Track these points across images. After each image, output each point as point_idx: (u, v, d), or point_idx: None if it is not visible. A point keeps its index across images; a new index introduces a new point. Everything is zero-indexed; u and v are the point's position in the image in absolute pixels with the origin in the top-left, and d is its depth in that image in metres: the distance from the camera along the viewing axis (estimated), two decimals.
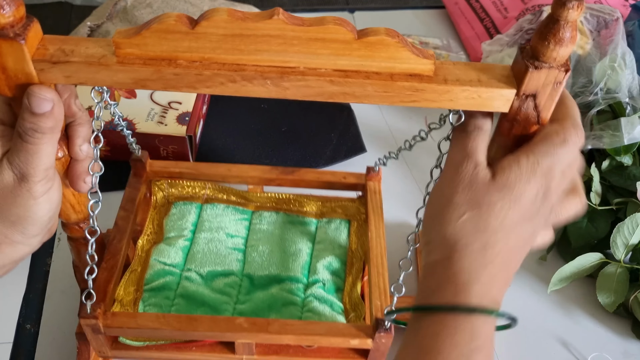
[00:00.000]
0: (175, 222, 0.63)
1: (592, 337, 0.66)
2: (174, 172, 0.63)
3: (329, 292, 0.60)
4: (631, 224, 0.66)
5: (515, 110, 0.39)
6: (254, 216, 0.66)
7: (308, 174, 0.64)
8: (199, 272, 0.60)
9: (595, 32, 0.85)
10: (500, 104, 0.39)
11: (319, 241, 0.64)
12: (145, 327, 0.50)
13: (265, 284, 0.60)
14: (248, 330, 0.51)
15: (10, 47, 0.35)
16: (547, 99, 0.39)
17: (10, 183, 0.39)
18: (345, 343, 0.52)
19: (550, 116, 0.40)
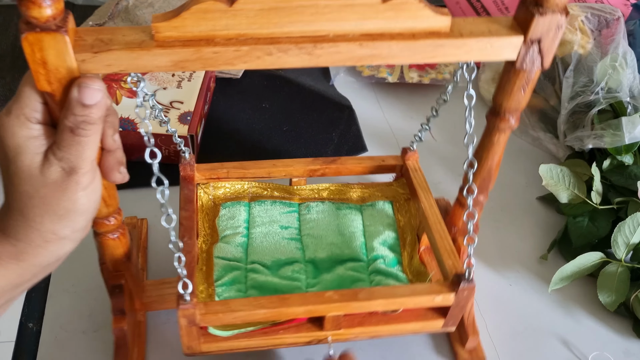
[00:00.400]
0: (227, 222, 0.64)
1: (593, 336, 0.66)
2: (222, 173, 0.65)
3: (390, 265, 0.62)
4: (632, 223, 0.66)
5: (522, 57, 0.43)
6: (301, 208, 0.68)
7: (348, 161, 0.67)
8: (263, 263, 0.61)
9: (597, 32, 0.85)
10: (509, 52, 0.43)
11: (368, 223, 0.66)
12: (240, 311, 0.50)
13: (328, 266, 0.62)
14: (339, 301, 0.52)
15: (52, 40, 0.36)
16: (550, 43, 0.42)
17: (59, 177, 0.40)
18: (430, 301, 0.53)
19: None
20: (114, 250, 0.52)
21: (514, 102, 0.48)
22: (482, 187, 0.57)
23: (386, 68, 0.94)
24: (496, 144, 0.53)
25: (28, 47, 0.36)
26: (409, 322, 0.57)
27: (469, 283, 0.53)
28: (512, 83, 0.47)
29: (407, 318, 0.57)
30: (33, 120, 0.40)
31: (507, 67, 0.46)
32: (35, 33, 0.35)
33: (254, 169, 0.65)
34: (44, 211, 0.40)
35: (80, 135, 0.39)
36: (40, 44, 0.36)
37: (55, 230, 0.41)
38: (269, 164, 0.65)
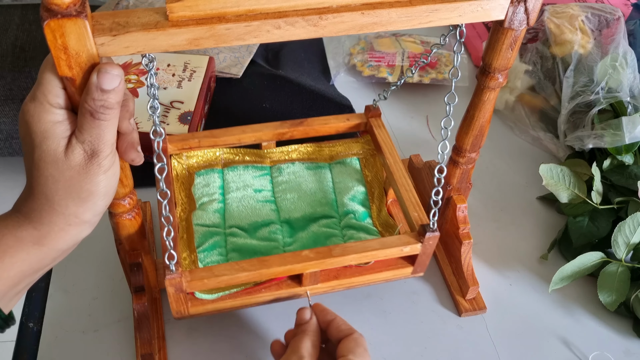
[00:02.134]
0: (203, 189, 0.66)
1: (593, 336, 0.66)
2: (193, 143, 0.66)
3: (361, 219, 0.65)
4: (632, 223, 0.66)
5: (510, 16, 0.47)
6: (273, 170, 0.70)
7: (315, 122, 0.69)
8: (240, 226, 0.64)
9: (597, 32, 0.85)
10: (498, 12, 0.47)
11: (337, 180, 0.69)
12: (223, 275, 0.54)
13: (303, 225, 0.65)
14: (315, 259, 0.56)
15: (74, 25, 0.37)
16: (535, 2, 0.47)
17: (82, 160, 0.41)
18: (399, 252, 0.58)
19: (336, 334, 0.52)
20: (130, 230, 0.54)
21: (502, 61, 0.52)
22: (474, 145, 0.60)
23: (386, 68, 0.94)
24: (486, 101, 0.56)
25: (50, 34, 0.37)
26: (381, 272, 0.61)
27: (433, 233, 0.57)
28: (501, 42, 0.51)
29: (379, 268, 0.61)
30: (57, 106, 0.41)
31: (496, 27, 0.50)
32: (57, 19, 0.36)
33: (224, 136, 0.67)
34: (68, 194, 0.42)
35: (100, 119, 0.41)
36: (61, 30, 0.37)
37: (78, 213, 0.42)
38: (239, 131, 0.67)
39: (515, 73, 0.88)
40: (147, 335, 0.57)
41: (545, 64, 0.87)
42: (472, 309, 0.66)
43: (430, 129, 0.88)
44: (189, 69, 0.84)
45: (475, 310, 0.66)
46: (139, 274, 0.56)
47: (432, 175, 0.68)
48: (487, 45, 0.53)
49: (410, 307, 0.67)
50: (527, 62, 0.88)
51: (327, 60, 0.99)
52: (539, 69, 0.87)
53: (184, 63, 0.85)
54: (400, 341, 0.64)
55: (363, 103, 0.91)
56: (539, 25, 0.88)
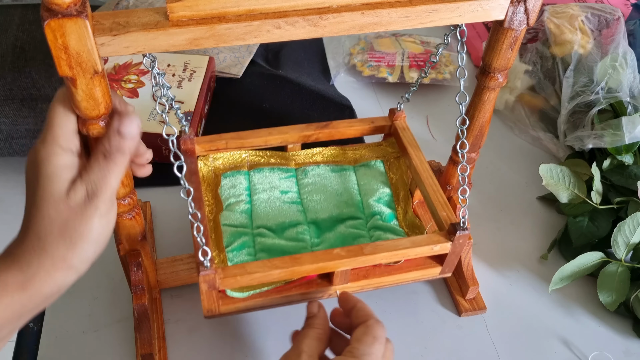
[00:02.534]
0: (229, 191, 0.67)
1: (593, 336, 0.66)
2: (220, 145, 0.67)
3: (387, 220, 0.65)
4: (632, 223, 0.66)
5: (510, 16, 0.47)
6: (298, 172, 0.70)
7: (340, 125, 0.70)
8: (268, 227, 0.64)
9: (597, 32, 0.85)
10: (498, 12, 0.47)
11: (362, 182, 0.70)
12: (256, 273, 0.53)
13: (330, 225, 0.66)
14: (347, 257, 0.56)
15: (74, 25, 0.37)
16: (534, 2, 0.47)
17: (81, 200, 0.42)
18: (429, 251, 0.58)
19: (354, 321, 0.50)
20: (130, 230, 0.54)
21: (502, 61, 0.52)
22: (474, 145, 0.61)
23: (386, 68, 0.94)
24: (486, 101, 0.56)
25: (50, 34, 0.37)
26: (409, 272, 0.61)
27: (463, 231, 0.57)
28: (501, 42, 0.51)
29: (407, 268, 0.61)
30: (67, 150, 0.43)
31: (496, 27, 0.50)
32: (58, 19, 0.37)
33: (251, 138, 0.67)
34: (61, 235, 0.42)
35: (110, 160, 0.43)
36: (62, 30, 0.37)
37: (66, 257, 0.42)
38: (265, 133, 0.68)
39: (515, 73, 0.88)
40: (147, 335, 0.57)
41: (545, 64, 0.87)
42: (472, 309, 0.66)
43: (430, 129, 0.88)
44: (189, 69, 0.84)
45: (475, 310, 0.66)
46: (139, 273, 0.56)
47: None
48: (487, 45, 0.53)
49: (410, 307, 0.67)
50: (527, 62, 0.88)
51: (327, 60, 0.99)
52: (538, 69, 0.87)
53: (184, 63, 0.85)
54: (400, 341, 0.64)
55: (363, 103, 0.91)
56: (539, 25, 0.88)
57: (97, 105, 0.43)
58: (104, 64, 0.43)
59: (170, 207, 0.74)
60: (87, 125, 0.44)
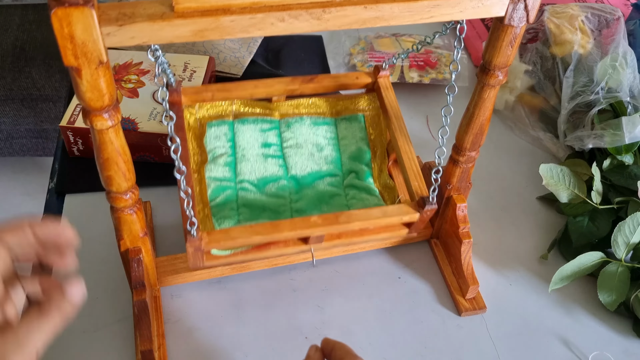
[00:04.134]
0: (214, 142, 0.68)
1: (593, 335, 0.66)
2: (207, 96, 0.67)
3: (363, 179, 0.67)
4: (632, 223, 0.66)
5: (510, 13, 0.48)
6: (281, 124, 0.71)
7: (325, 79, 0.70)
8: (250, 181, 0.66)
9: (597, 32, 0.85)
10: (498, 9, 0.47)
11: (342, 137, 0.71)
12: (238, 238, 0.56)
13: (309, 182, 0.68)
14: (322, 225, 0.58)
15: (81, 14, 0.37)
16: (534, 0, 0.47)
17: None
18: (399, 220, 0.60)
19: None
20: (132, 226, 0.55)
21: (502, 58, 0.53)
22: (474, 143, 0.61)
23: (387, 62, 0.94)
24: (486, 99, 0.57)
25: (57, 22, 0.38)
26: (379, 233, 0.63)
27: (431, 206, 0.59)
28: (501, 39, 0.51)
29: (377, 230, 0.63)
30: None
31: (496, 23, 0.51)
32: (64, 8, 0.37)
33: (237, 90, 0.67)
34: None
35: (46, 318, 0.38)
36: (68, 19, 0.37)
37: None
38: (252, 85, 0.68)
39: (515, 73, 0.88)
40: (147, 332, 0.57)
41: (545, 64, 0.87)
42: (472, 309, 0.66)
43: (430, 129, 0.88)
44: (189, 69, 0.84)
45: (475, 309, 0.66)
46: (139, 269, 0.57)
47: (431, 175, 0.68)
48: (487, 43, 0.53)
49: (410, 306, 0.67)
50: (527, 62, 0.88)
51: (327, 60, 0.99)
52: (538, 69, 0.87)
53: (184, 63, 0.85)
54: (400, 341, 0.64)
55: None
56: (539, 25, 0.88)
57: (102, 97, 0.43)
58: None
59: (170, 207, 0.74)
60: (90, 117, 0.44)
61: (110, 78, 0.43)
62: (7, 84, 1.34)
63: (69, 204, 0.74)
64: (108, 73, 0.42)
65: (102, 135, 0.46)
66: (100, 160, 0.48)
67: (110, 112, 0.45)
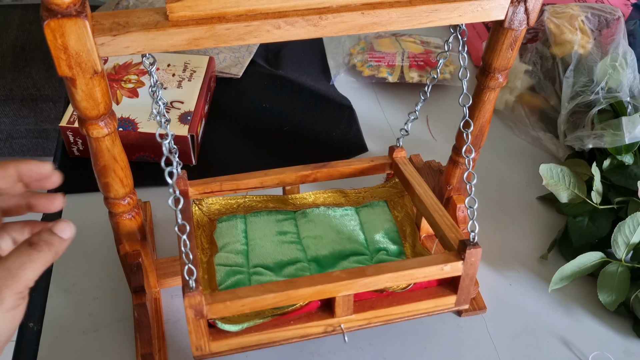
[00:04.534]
0: (225, 233, 0.64)
1: (593, 335, 0.66)
2: (215, 187, 0.64)
3: (393, 255, 0.63)
4: (632, 223, 0.66)
5: (510, 16, 0.47)
6: (297, 215, 0.68)
7: (339, 165, 0.68)
8: (265, 265, 0.61)
9: (597, 32, 0.85)
10: (498, 12, 0.47)
11: (366, 221, 0.67)
12: (247, 297, 0.49)
13: (332, 262, 0.62)
14: (347, 279, 0.51)
15: (74, 25, 0.37)
16: (535, 2, 0.47)
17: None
18: (438, 271, 0.53)
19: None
20: (130, 230, 0.54)
21: (502, 61, 0.52)
22: (474, 145, 0.61)
23: (386, 68, 0.94)
24: (487, 101, 0.56)
25: (50, 34, 0.38)
26: (421, 301, 0.56)
27: (474, 247, 0.53)
28: (501, 42, 0.51)
29: (418, 297, 0.56)
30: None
31: (496, 26, 0.50)
32: (57, 19, 0.37)
33: (246, 179, 0.65)
34: None
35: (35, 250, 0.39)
36: (61, 30, 0.37)
37: None
38: (261, 174, 0.65)
39: (515, 73, 0.88)
40: (147, 335, 0.57)
41: (545, 64, 0.87)
42: (472, 309, 0.66)
43: (430, 129, 0.88)
44: (189, 69, 0.84)
45: (475, 310, 0.66)
46: (139, 273, 0.56)
47: (433, 175, 0.67)
48: (487, 45, 0.53)
49: None
50: (527, 62, 0.88)
51: (327, 60, 0.99)
52: (538, 69, 0.87)
53: (184, 63, 0.85)
54: (400, 341, 0.64)
55: (363, 103, 0.92)
56: (539, 25, 0.88)
57: (97, 106, 0.43)
58: (104, 64, 0.43)
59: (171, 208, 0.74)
60: (86, 125, 0.44)
61: (105, 87, 0.42)
62: (7, 84, 1.34)
63: (68, 204, 0.73)
64: (103, 82, 0.42)
65: (99, 143, 0.46)
66: (97, 167, 0.48)
67: (106, 120, 0.44)
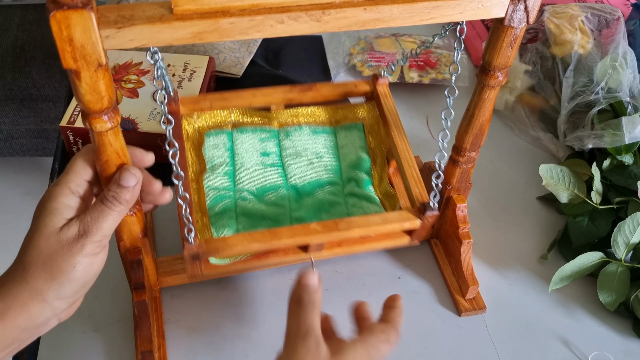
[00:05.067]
0: (212, 151, 0.68)
1: (593, 335, 0.66)
2: (205, 105, 0.67)
3: (363, 187, 0.67)
4: (632, 223, 0.66)
5: (510, 14, 0.48)
6: (280, 133, 0.71)
7: (323, 88, 0.71)
8: (249, 190, 0.66)
9: (597, 32, 0.85)
10: (498, 10, 0.47)
11: (342, 145, 0.71)
12: (236, 246, 0.56)
13: (309, 191, 0.67)
14: (322, 232, 0.58)
15: (79, 17, 0.37)
16: (534, 1, 0.47)
17: (72, 236, 0.44)
18: (399, 227, 0.60)
19: (382, 316, 0.50)
20: (131, 227, 0.55)
21: (502, 59, 0.52)
22: (473, 144, 0.61)
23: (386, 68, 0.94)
24: (486, 100, 0.56)
25: (56, 25, 0.37)
26: (380, 241, 0.64)
27: (433, 212, 0.59)
28: (501, 40, 0.51)
29: (378, 238, 0.64)
30: (75, 193, 0.47)
31: (496, 24, 0.51)
32: (63, 11, 0.37)
33: (235, 99, 0.68)
34: (43, 267, 0.43)
35: (106, 206, 0.46)
36: (67, 22, 0.37)
37: (42, 289, 0.43)
38: (249, 94, 0.69)
39: (515, 73, 0.88)
40: (147, 333, 0.57)
41: (545, 64, 0.87)
42: (471, 309, 0.66)
43: (430, 129, 0.88)
44: (189, 69, 0.84)
45: (475, 310, 0.66)
46: (139, 270, 0.57)
47: (431, 177, 0.67)
48: (487, 44, 0.53)
49: (410, 307, 0.67)
50: (527, 62, 0.88)
51: (327, 60, 0.99)
52: (538, 69, 0.87)
53: (184, 63, 0.85)
54: (400, 341, 0.64)
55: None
56: (539, 25, 0.88)
57: (101, 99, 0.43)
58: None
59: (170, 207, 0.73)
60: (90, 119, 0.44)
61: (109, 80, 0.43)
62: (7, 84, 1.34)
63: None
64: (107, 75, 0.42)
65: (102, 138, 0.46)
66: (100, 162, 0.48)
67: (109, 114, 0.44)
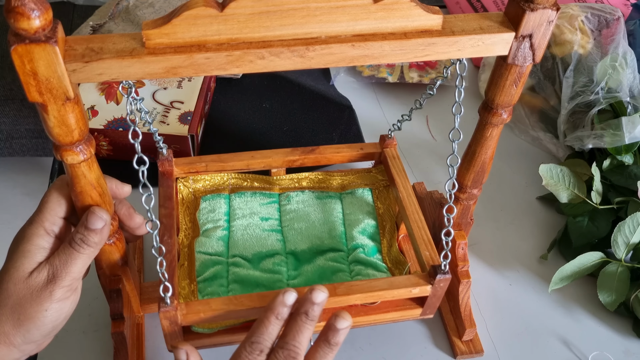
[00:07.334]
0: (208, 215, 0.64)
1: (593, 336, 0.66)
2: (200, 167, 0.64)
3: (370, 254, 0.62)
4: (632, 223, 0.66)
5: (514, 52, 0.44)
6: (281, 198, 0.67)
7: (327, 150, 0.67)
8: (244, 256, 0.61)
9: (597, 32, 0.85)
10: (501, 48, 0.43)
11: (348, 211, 0.66)
12: (220, 311, 0.51)
13: (309, 257, 0.62)
14: None
15: (42, 51, 0.35)
16: (541, 38, 0.43)
17: (41, 282, 0.44)
18: (407, 293, 0.54)
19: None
20: (110, 256, 0.52)
21: (506, 97, 0.49)
22: (475, 181, 0.57)
23: (386, 68, 0.94)
24: (489, 138, 0.53)
25: (18, 59, 0.35)
26: (387, 312, 0.58)
27: (445, 275, 0.54)
28: (505, 78, 0.47)
29: (385, 308, 0.58)
30: (50, 233, 0.45)
31: (499, 62, 0.47)
32: (25, 45, 0.35)
33: (232, 161, 0.65)
34: (10, 313, 0.43)
35: (75, 249, 0.45)
36: (30, 56, 0.35)
37: (9, 333, 0.43)
38: (248, 156, 0.65)
39: None
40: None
41: (545, 64, 0.87)
42: (468, 352, 0.63)
43: (430, 129, 0.88)
44: None
45: (472, 353, 0.63)
46: (118, 301, 0.54)
47: (434, 207, 0.64)
48: (489, 80, 0.49)
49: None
50: None
51: None
52: (538, 69, 0.87)
53: None
54: (400, 341, 0.64)
55: (363, 103, 0.91)
56: None
57: (71, 132, 0.40)
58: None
59: None
60: (60, 151, 0.42)
61: (80, 113, 0.40)
62: (7, 84, 1.34)
63: None
64: (77, 108, 0.39)
65: (75, 170, 0.43)
66: (75, 193, 0.46)
67: (81, 146, 0.42)
